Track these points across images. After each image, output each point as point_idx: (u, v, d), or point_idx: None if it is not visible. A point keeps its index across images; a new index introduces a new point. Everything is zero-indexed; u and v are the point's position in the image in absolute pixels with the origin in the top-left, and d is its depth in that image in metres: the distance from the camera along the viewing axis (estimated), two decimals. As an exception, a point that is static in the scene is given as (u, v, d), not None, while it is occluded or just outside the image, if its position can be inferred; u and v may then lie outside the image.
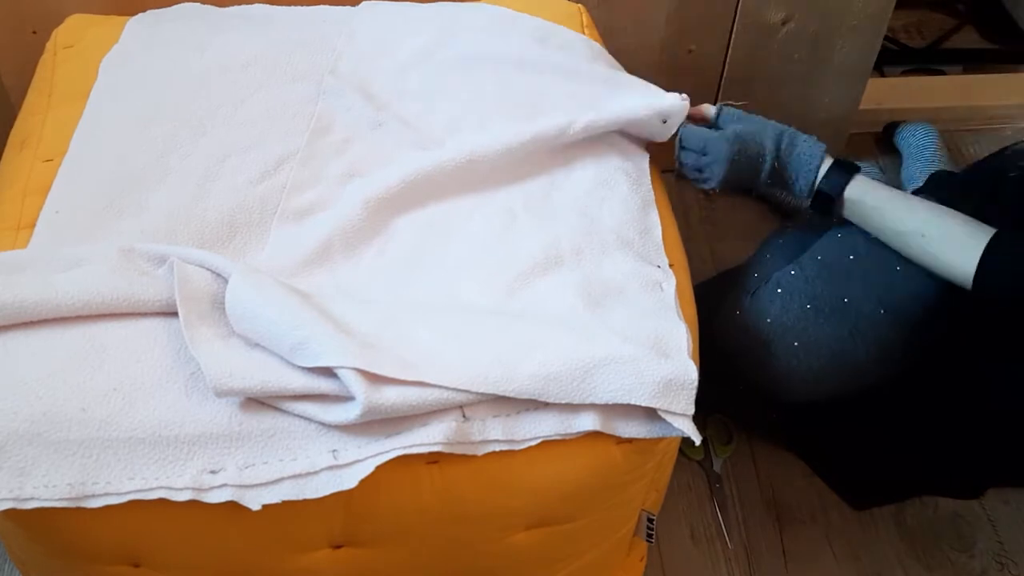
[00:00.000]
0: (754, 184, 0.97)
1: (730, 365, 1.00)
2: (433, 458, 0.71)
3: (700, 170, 0.97)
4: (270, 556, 0.76)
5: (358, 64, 1.00)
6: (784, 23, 1.34)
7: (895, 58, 1.76)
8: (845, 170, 0.95)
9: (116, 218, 0.84)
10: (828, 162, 0.96)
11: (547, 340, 0.74)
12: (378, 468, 0.68)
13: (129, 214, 0.84)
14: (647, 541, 0.91)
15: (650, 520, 0.88)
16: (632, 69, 1.02)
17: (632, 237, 0.87)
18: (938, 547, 1.12)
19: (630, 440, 0.74)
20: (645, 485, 0.82)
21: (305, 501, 0.69)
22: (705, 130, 0.96)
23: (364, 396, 0.67)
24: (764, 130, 0.96)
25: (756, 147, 0.95)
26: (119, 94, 0.96)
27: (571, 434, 0.72)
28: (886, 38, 1.48)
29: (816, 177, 0.95)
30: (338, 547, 0.77)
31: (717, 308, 1.01)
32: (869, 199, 0.95)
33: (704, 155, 0.95)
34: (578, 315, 0.78)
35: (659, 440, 0.76)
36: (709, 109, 0.99)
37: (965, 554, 1.12)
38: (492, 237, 0.86)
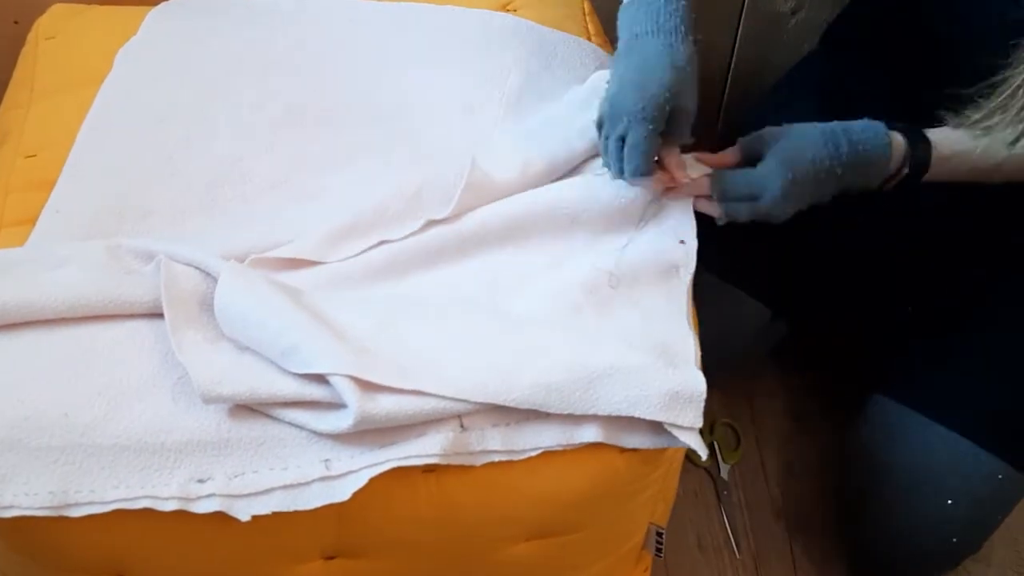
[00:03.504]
0: (822, 201, 0.84)
1: None
2: (430, 467, 0.71)
3: (760, 216, 0.83)
4: (260, 568, 0.76)
5: (385, 75, 1.00)
6: (794, 13, 1.34)
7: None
8: (918, 140, 0.84)
9: (117, 221, 0.84)
10: (897, 139, 0.83)
11: (549, 347, 0.74)
12: (372, 477, 0.68)
13: (131, 217, 0.84)
14: (656, 556, 0.91)
15: (659, 534, 0.88)
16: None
17: (649, 212, 0.85)
18: (954, 557, 1.12)
19: (634, 449, 0.74)
20: (652, 496, 0.82)
21: (296, 511, 0.69)
22: (743, 171, 0.82)
23: (357, 405, 0.67)
24: (809, 138, 0.82)
25: (810, 162, 0.80)
26: (132, 89, 0.96)
27: (573, 445, 0.72)
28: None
29: (893, 167, 0.83)
30: (331, 558, 0.77)
31: None
32: (958, 146, 0.83)
33: (756, 199, 0.81)
34: (583, 316, 0.78)
35: (664, 450, 0.76)
36: (731, 153, 0.86)
37: (982, 564, 1.12)
38: (499, 228, 0.85)
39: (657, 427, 0.73)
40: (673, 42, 0.83)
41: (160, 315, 0.73)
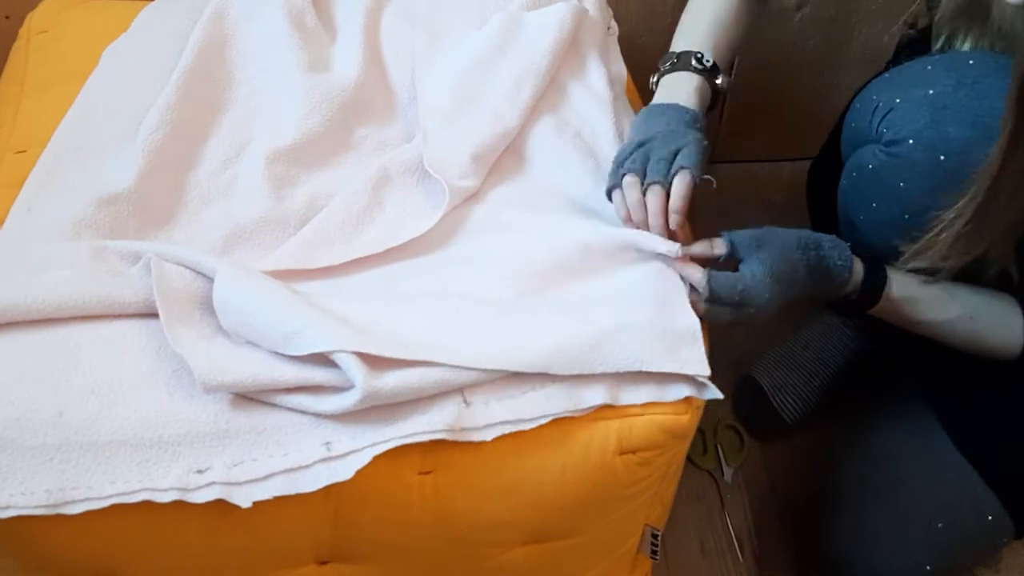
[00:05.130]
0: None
1: None
2: (424, 469, 0.72)
3: (741, 319, 0.85)
4: (253, 572, 0.77)
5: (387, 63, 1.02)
6: (799, 8, 1.35)
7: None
8: (878, 270, 0.91)
9: (93, 220, 0.83)
10: (857, 265, 0.90)
11: (551, 313, 0.76)
12: (366, 479, 0.68)
13: (107, 217, 0.84)
14: (652, 558, 0.91)
15: (654, 536, 0.89)
16: (640, 58, 1.03)
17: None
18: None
19: (632, 451, 0.75)
20: (648, 499, 0.83)
21: (290, 513, 0.70)
22: (732, 276, 0.83)
23: (363, 381, 0.68)
24: (788, 246, 0.86)
25: (791, 270, 0.85)
26: (116, 86, 0.97)
27: (580, 410, 0.74)
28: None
29: (851, 284, 0.90)
30: (324, 563, 0.78)
31: None
32: (910, 293, 0.91)
33: (743, 306, 0.83)
34: (575, 289, 0.81)
35: (662, 452, 0.77)
36: (719, 246, 0.86)
37: (990, 570, 1.12)
38: (483, 224, 0.88)
39: (662, 380, 0.75)
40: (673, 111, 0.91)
41: (149, 315, 0.74)
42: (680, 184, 0.84)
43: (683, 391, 0.75)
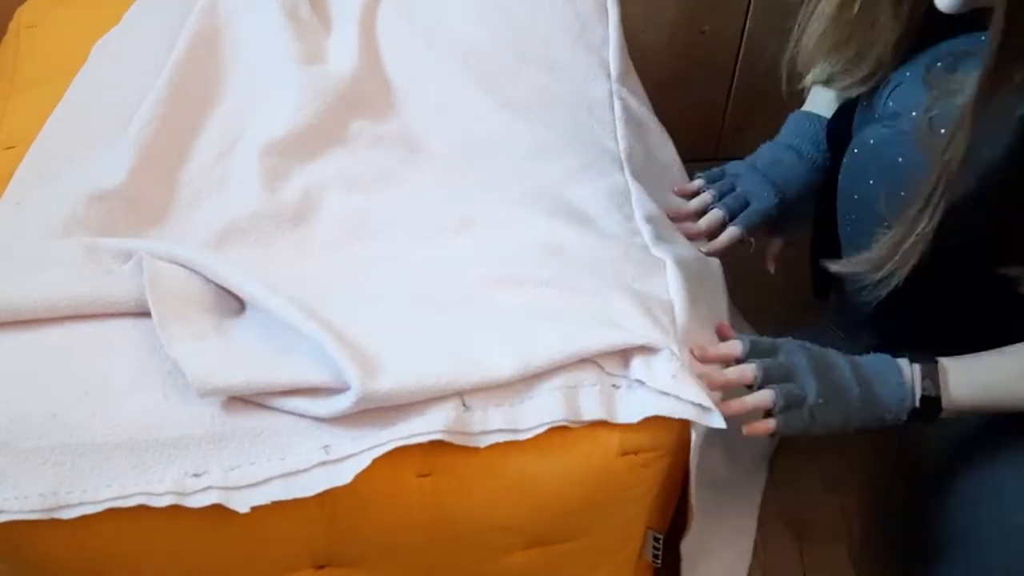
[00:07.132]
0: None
1: None
2: (423, 471, 0.73)
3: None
4: (249, 577, 0.77)
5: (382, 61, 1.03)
6: (804, 2, 1.35)
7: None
8: (932, 370, 0.84)
9: (84, 215, 0.84)
10: (911, 368, 0.84)
11: (551, 329, 0.76)
12: (364, 482, 0.68)
13: (97, 211, 0.84)
14: (654, 563, 0.92)
15: (656, 539, 0.89)
16: (639, 54, 1.04)
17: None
18: (969, 566, 1.13)
19: (635, 452, 0.76)
20: (651, 502, 0.83)
21: (287, 516, 0.70)
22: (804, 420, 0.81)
23: (359, 382, 0.68)
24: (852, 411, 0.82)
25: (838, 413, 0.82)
26: (105, 81, 0.97)
27: (579, 421, 0.73)
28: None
29: (911, 397, 0.84)
30: (321, 567, 0.78)
31: None
32: (977, 391, 0.84)
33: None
34: (572, 294, 0.81)
35: (664, 453, 0.78)
36: (735, 346, 0.83)
37: (999, 574, 1.13)
38: (480, 223, 0.89)
39: (663, 400, 0.75)
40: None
41: (142, 314, 0.75)
42: (725, 236, 0.99)
43: (685, 412, 0.74)
